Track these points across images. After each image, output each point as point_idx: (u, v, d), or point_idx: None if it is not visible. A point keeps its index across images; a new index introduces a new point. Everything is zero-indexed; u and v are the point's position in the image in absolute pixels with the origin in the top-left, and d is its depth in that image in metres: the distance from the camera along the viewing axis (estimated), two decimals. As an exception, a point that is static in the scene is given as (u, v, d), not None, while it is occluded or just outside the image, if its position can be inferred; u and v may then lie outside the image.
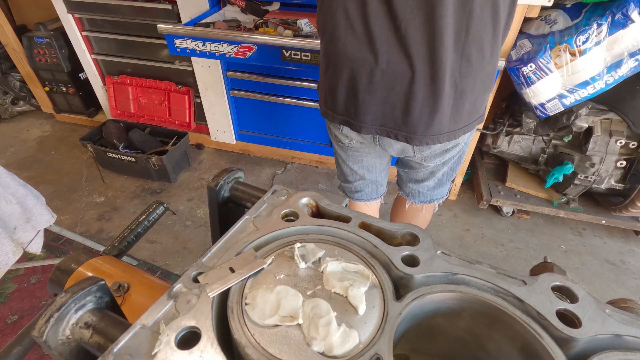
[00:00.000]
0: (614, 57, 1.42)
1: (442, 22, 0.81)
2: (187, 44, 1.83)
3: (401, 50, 0.86)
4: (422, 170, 1.20)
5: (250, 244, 0.50)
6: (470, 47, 0.85)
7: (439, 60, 0.85)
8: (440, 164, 1.15)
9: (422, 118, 0.93)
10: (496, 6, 0.82)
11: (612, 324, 0.41)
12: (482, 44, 0.86)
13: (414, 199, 1.34)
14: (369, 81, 0.92)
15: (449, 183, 1.31)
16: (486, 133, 2.00)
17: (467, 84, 0.91)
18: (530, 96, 1.60)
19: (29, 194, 1.28)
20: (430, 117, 0.93)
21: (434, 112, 0.93)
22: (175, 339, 0.39)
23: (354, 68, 0.92)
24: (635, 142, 1.71)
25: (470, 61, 0.87)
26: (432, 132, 0.96)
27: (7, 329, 1.60)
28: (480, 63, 0.89)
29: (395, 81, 0.90)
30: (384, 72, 0.90)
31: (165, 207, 0.94)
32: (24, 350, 0.57)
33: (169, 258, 1.91)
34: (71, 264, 0.62)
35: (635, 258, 1.93)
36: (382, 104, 0.95)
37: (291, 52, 1.71)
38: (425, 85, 0.89)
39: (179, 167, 2.44)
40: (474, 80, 0.91)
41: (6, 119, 3.02)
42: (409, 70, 0.88)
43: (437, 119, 0.94)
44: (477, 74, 0.90)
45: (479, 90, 0.95)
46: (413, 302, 0.43)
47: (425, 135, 0.96)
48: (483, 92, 0.97)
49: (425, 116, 0.93)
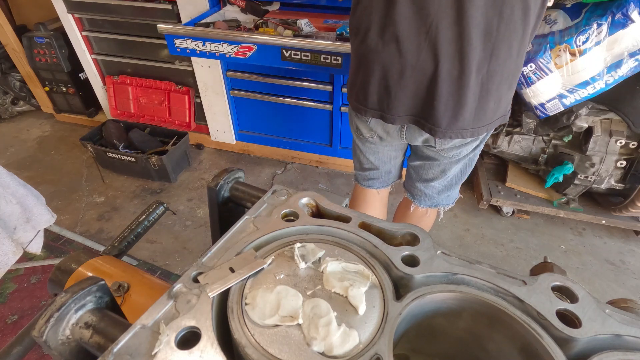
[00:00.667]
0: (614, 57, 1.41)
1: (471, 21, 0.84)
2: (187, 44, 1.83)
3: (430, 48, 0.90)
4: (434, 167, 1.21)
5: (250, 244, 0.50)
6: (499, 47, 0.88)
7: (467, 59, 0.88)
8: (454, 160, 1.17)
9: (446, 112, 0.97)
10: (527, 8, 0.84)
11: (612, 324, 0.41)
12: (511, 44, 0.88)
13: (419, 202, 1.34)
14: (400, 77, 0.97)
15: (456, 188, 1.31)
16: (486, 133, 2.00)
17: (493, 82, 0.93)
18: (530, 96, 1.60)
19: (29, 194, 1.28)
20: (455, 112, 0.97)
21: (459, 108, 0.96)
22: (175, 339, 0.39)
23: (385, 66, 0.97)
24: (635, 142, 1.71)
25: (499, 61, 0.90)
26: (455, 127, 0.99)
27: (7, 329, 1.60)
28: (508, 63, 0.91)
29: (424, 77, 0.95)
30: (414, 68, 0.94)
31: (165, 207, 0.94)
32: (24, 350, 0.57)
33: (169, 258, 1.91)
34: (71, 264, 0.62)
35: (635, 258, 1.92)
36: (413, 97, 0.99)
37: (291, 52, 1.71)
38: (451, 81, 0.92)
39: (179, 167, 2.45)
40: (499, 78, 0.93)
41: (6, 119, 3.02)
42: (436, 67, 0.92)
43: (462, 115, 0.97)
44: (504, 73, 0.93)
45: (504, 89, 0.97)
46: (413, 302, 0.43)
47: (449, 129, 1.00)
48: (507, 91, 0.99)
49: (449, 110, 0.97)
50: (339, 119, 2.21)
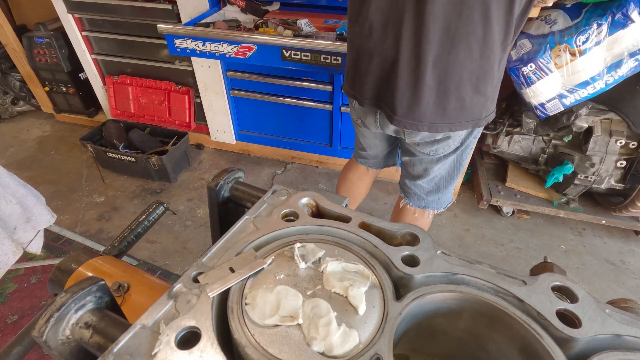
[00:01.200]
0: (614, 57, 1.41)
1: (430, 17, 0.89)
2: (187, 44, 1.83)
3: (394, 37, 0.97)
4: (417, 164, 1.24)
5: (250, 244, 0.50)
6: (457, 45, 0.91)
7: (423, 52, 0.93)
8: (433, 159, 1.18)
9: (403, 101, 1.03)
10: (487, 10, 0.87)
11: (612, 324, 0.41)
12: (470, 45, 0.91)
13: (409, 200, 1.36)
14: (369, 62, 1.05)
15: (446, 192, 1.30)
16: (486, 133, 2.00)
17: (451, 80, 0.96)
18: (530, 96, 1.60)
19: (29, 194, 1.28)
20: (411, 103, 1.02)
21: (415, 99, 1.01)
22: (175, 339, 0.39)
23: (360, 51, 1.06)
24: (635, 142, 1.71)
25: (457, 59, 0.93)
26: (411, 117, 1.04)
27: (7, 329, 1.60)
28: (468, 63, 0.94)
29: (387, 64, 1.02)
30: (380, 55, 1.01)
31: (165, 207, 0.94)
32: (24, 350, 0.57)
33: (169, 258, 1.91)
34: (71, 264, 0.62)
35: (635, 258, 1.92)
36: (377, 82, 1.07)
37: (291, 52, 1.72)
38: (408, 71, 0.98)
39: (179, 167, 2.44)
40: (459, 78, 0.96)
41: (6, 119, 3.02)
42: (397, 56, 0.98)
43: (417, 107, 1.01)
44: (464, 73, 0.95)
45: (467, 90, 0.98)
46: (413, 302, 0.43)
47: (405, 118, 1.05)
48: (474, 94, 0.99)
49: (406, 100, 1.02)
50: (339, 119, 2.21)
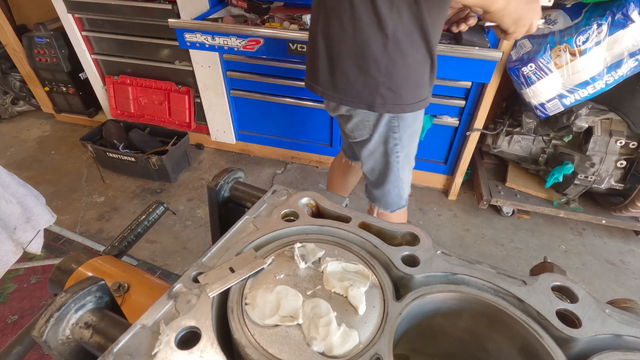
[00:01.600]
0: (614, 57, 1.42)
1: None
2: (196, 38, 1.90)
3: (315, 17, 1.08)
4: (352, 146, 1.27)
5: (250, 244, 0.50)
6: (329, 17, 1.00)
7: (315, 24, 1.06)
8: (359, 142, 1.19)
9: (309, 65, 1.14)
10: None
11: (612, 324, 0.41)
12: (341, 19, 0.97)
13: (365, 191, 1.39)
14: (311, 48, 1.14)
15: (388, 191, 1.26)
16: (486, 133, 2.00)
17: (334, 51, 1.03)
18: (530, 96, 1.60)
19: (29, 194, 1.28)
20: (314, 67, 1.10)
21: (316, 64, 1.09)
22: (175, 339, 0.39)
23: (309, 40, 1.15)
24: (635, 142, 1.71)
25: (333, 30, 1.00)
26: (313, 79, 1.13)
27: (7, 329, 1.59)
28: (343, 37, 0.99)
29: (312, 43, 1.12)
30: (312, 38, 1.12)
31: (165, 207, 0.94)
32: (24, 350, 0.57)
33: (169, 258, 1.91)
34: (71, 264, 0.62)
35: (635, 258, 1.92)
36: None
37: (297, 45, 1.79)
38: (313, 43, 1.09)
39: (179, 167, 2.44)
40: (339, 50, 1.02)
41: (6, 119, 3.02)
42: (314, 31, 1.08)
43: (319, 71, 1.09)
44: (342, 46, 1.01)
45: (349, 66, 1.02)
46: (413, 302, 0.43)
47: (309, 80, 1.15)
48: (354, 70, 1.02)
49: (310, 63, 1.13)
50: (339, 119, 2.21)
